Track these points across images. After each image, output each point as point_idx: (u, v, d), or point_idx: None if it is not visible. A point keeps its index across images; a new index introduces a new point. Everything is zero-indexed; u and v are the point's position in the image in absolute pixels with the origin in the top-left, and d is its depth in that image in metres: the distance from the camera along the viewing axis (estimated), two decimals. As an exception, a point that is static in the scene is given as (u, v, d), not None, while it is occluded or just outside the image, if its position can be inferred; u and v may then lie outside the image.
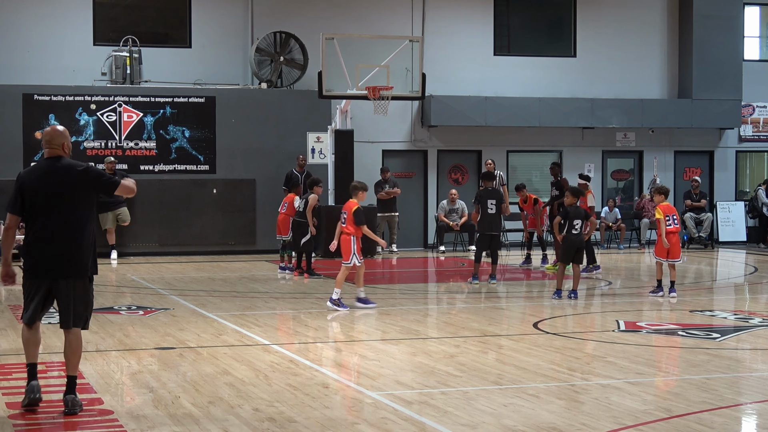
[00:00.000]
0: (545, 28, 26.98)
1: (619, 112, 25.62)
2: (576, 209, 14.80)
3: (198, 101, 22.83)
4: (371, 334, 11.84)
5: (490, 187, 16.81)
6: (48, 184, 7.61)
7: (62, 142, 7.81)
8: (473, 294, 15.58)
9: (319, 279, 17.40)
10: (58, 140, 7.80)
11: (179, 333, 11.48)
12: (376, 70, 20.60)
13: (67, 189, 7.59)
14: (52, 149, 7.79)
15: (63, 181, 7.60)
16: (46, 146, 7.82)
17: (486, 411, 7.62)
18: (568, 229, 14.66)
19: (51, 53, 22.79)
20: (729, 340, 11.27)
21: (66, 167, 7.68)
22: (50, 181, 7.62)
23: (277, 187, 22.72)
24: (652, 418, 7.39)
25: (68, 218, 7.58)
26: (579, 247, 14.82)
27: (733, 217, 26.21)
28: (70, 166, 7.70)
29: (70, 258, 7.56)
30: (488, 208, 16.46)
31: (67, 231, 7.56)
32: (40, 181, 7.64)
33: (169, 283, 17.12)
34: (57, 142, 7.80)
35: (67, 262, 7.56)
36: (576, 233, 14.64)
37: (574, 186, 16.84)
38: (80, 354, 7.73)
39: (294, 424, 7.22)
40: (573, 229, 14.63)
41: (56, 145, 7.79)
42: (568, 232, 14.66)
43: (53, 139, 7.81)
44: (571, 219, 14.64)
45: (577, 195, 15.10)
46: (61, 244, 7.55)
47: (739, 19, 26.92)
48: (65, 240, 7.56)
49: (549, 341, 11.00)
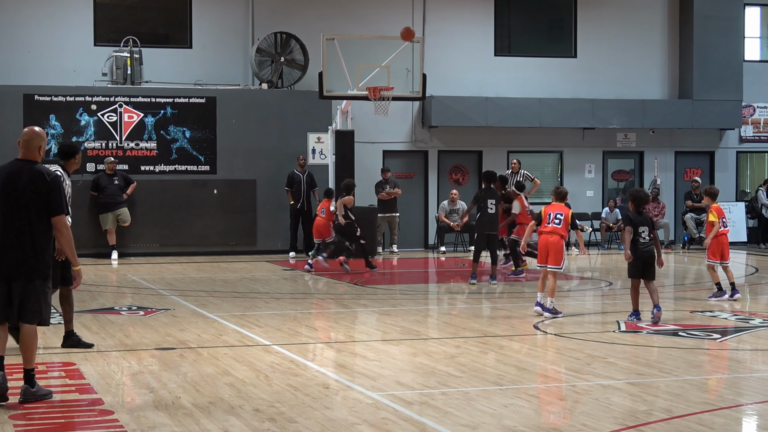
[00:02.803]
0: (546, 28, 26.98)
1: (620, 113, 25.62)
2: (639, 215, 12.54)
3: (199, 102, 22.84)
4: (372, 335, 11.84)
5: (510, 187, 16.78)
6: (17, 186, 7.66)
7: (39, 145, 7.80)
8: (474, 294, 15.58)
9: (374, 271, 18.60)
10: (36, 142, 7.79)
11: (180, 333, 11.49)
12: (377, 71, 20.59)
13: (35, 194, 7.65)
14: (29, 151, 7.79)
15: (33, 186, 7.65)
16: (23, 147, 7.79)
17: (486, 411, 7.62)
18: (634, 240, 12.41)
19: (52, 54, 22.79)
20: (729, 340, 11.27)
21: (36, 171, 7.72)
22: (20, 183, 7.66)
23: (277, 188, 22.73)
24: (653, 418, 7.39)
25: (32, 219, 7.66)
26: (648, 259, 12.51)
27: (733, 217, 26.18)
28: (40, 172, 7.74)
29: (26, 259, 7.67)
30: (488, 208, 16.47)
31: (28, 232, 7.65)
32: (8, 181, 7.69)
33: (169, 283, 17.12)
34: (35, 144, 7.79)
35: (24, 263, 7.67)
36: (643, 242, 12.43)
37: (508, 191, 17.14)
38: (33, 349, 7.89)
39: (294, 425, 7.22)
40: (640, 238, 12.42)
41: (33, 147, 7.78)
42: (635, 243, 12.43)
43: (31, 140, 7.80)
44: (636, 227, 12.40)
45: (510, 201, 14.65)
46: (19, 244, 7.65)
47: (740, 19, 26.92)
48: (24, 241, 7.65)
49: (549, 342, 11.00)
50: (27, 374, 7.85)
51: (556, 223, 12.96)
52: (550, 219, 12.99)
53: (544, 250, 12.98)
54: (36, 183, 7.70)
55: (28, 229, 7.68)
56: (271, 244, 23.03)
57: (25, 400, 7.77)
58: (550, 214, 13.03)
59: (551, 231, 12.94)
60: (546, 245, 12.93)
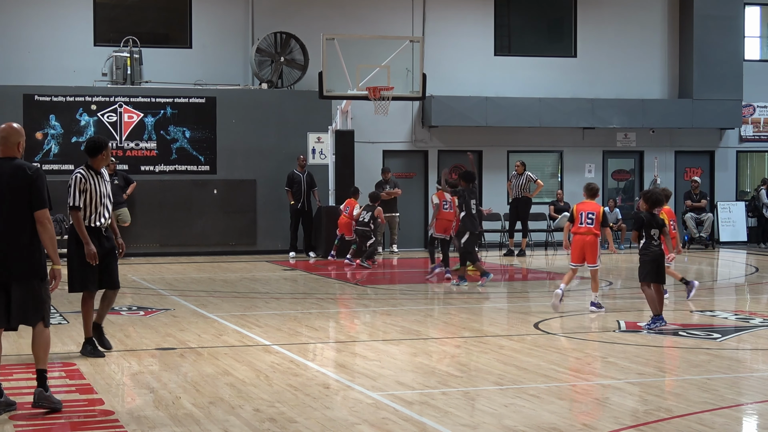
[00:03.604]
0: (546, 28, 26.98)
1: (620, 113, 25.63)
2: (652, 217, 12.00)
3: (198, 102, 22.84)
4: (372, 335, 11.84)
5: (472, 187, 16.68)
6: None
7: (18, 141, 7.60)
8: (474, 294, 15.58)
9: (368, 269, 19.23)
10: (15, 138, 7.59)
11: (180, 333, 11.49)
12: (377, 71, 20.60)
13: (17, 190, 7.42)
14: (7, 148, 7.55)
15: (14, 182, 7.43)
16: (1, 144, 7.55)
17: (487, 411, 7.62)
18: (647, 242, 11.91)
19: (52, 54, 22.79)
20: (730, 340, 11.26)
21: (16, 167, 7.49)
22: (2, 181, 7.43)
23: (277, 188, 22.73)
24: (653, 418, 7.39)
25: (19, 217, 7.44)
26: (659, 262, 11.96)
27: (733, 217, 26.19)
28: (20, 166, 7.50)
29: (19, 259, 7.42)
30: (472, 208, 16.46)
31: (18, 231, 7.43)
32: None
33: (169, 283, 17.12)
34: (13, 140, 7.59)
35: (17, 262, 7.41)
36: (656, 244, 11.88)
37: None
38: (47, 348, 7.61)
39: (295, 425, 7.22)
40: (653, 240, 11.88)
41: (12, 144, 7.58)
42: (648, 245, 11.91)
43: (9, 137, 7.59)
44: (648, 229, 11.90)
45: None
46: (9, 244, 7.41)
47: (740, 19, 26.92)
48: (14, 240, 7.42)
49: (550, 341, 11.00)
50: (40, 375, 7.52)
51: (588, 223, 13.24)
52: (582, 219, 13.25)
53: (579, 250, 13.26)
54: (17, 178, 7.45)
55: (18, 227, 7.44)
56: (271, 244, 23.04)
57: (38, 403, 7.48)
58: (582, 214, 13.29)
59: (585, 231, 13.24)
60: (582, 245, 13.24)
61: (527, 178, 22.96)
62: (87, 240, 9.65)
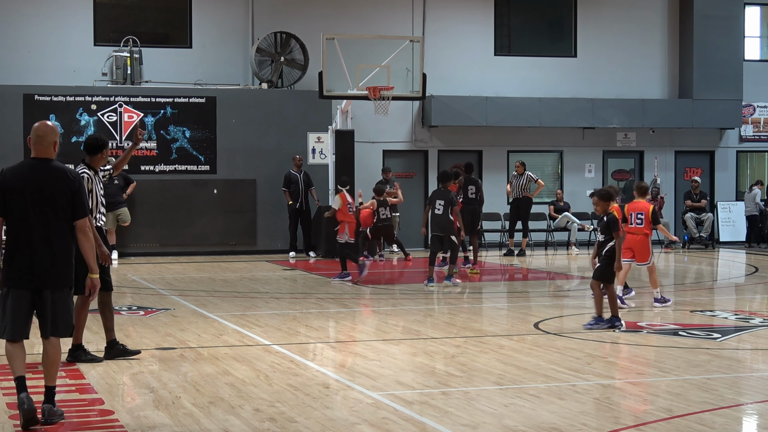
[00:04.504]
0: (546, 28, 26.98)
1: (620, 112, 25.62)
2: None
3: (198, 101, 22.84)
4: (372, 335, 11.84)
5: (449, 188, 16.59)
6: (40, 187, 7.03)
7: (54, 141, 7.20)
8: (474, 294, 15.59)
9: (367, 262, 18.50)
10: (51, 138, 7.18)
11: (180, 333, 11.49)
12: (377, 71, 20.59)
13: (60, 196, 7.05)
14: (43, 148, 7.15)
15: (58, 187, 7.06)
16: (38, 143, 7.13)
17: (487, 411, 7.62)
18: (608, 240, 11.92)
19: (52, 53, 22.79)
20: (730, 340, 11.27)
21: (57, 170, 7.12)
22: (43, 185, 7.04)
23: (277, 188, 22.73)
24: (653, 418, 7.39)
25: (58, 223, 7.08)
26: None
27: (733, 217, 26.19)
28: (61, 170, 7.13)
29: (57, 266, 7.09)
30: (436, 209, 16.38)
31: (56, 237, 7.07)
32: (26, 181, 7.05)
33: (169, 283, 17.12)
34: (50, 140, 7.16)
35: (55, 270, 7.08)
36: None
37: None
38: (58, 365, 7.31)
39: (294, 425, 7.22)
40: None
41: (48, 144, 7.16)
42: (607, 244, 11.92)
43: (46, 135, 7.16)
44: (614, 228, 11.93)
45: None
46: (49, 251, 7.05)
47: (740, 19, 26.92)
48: (53, 247, 7.06)
49: (550, 341, 11.00)
50: (48, 392, 7.23)
51: (638, 223, 13.57)
52: (632, 219, 13.54)
53: (628, 249, 13.41)
54: (61, 183, 7.06)
55: (56, 233, 7.06)
56: (271, 244, 23.04)
57: (50, 420, 7.17)
58: (632, 214, 13.59)
59: (635, 231, 13.52)
60: (632, 244, 13.45)
61: (528, 178, 22.96)
62: (99, 242, 9.56)
